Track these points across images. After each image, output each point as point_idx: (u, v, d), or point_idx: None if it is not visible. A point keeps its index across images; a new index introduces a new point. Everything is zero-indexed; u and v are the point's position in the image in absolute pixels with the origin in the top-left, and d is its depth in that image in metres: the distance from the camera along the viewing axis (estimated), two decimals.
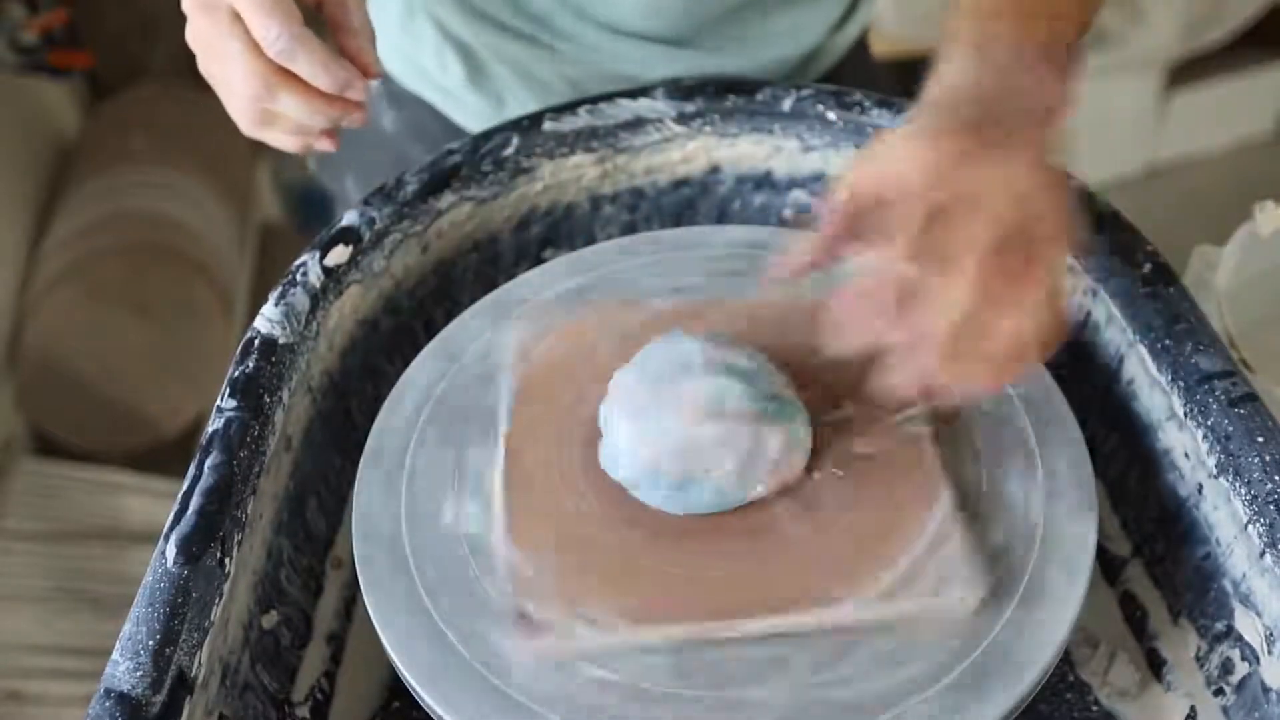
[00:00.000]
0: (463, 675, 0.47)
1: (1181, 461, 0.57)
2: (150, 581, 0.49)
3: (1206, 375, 0.55)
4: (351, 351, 0.66)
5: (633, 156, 0.71)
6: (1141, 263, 0.60)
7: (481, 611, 0.50)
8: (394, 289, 0.68)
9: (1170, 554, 0.58)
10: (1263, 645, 0.52)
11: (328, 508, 0.64)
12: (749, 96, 0.70)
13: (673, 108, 0.70)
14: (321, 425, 0.63)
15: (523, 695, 0.47)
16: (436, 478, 0.55)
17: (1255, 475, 0.51)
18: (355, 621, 0.61)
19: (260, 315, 0.60)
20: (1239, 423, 0.53)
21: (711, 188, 0.73)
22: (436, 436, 0.57)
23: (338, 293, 0.63)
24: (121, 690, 0.46)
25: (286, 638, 0.58)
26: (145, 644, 0.47)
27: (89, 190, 1.66)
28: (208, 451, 0.54)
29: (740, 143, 0.71)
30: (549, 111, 0.70)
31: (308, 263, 0.63)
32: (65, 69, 1.70)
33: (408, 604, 0.50)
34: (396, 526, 0.53)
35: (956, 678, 0.46)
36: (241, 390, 0.56)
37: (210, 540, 0.50)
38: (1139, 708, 0.56)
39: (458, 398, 0.58)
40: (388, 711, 0.57)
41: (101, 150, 1.74)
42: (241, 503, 0.53)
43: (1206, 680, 0.55)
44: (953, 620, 0.48)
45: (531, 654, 0.48)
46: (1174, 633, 0.58)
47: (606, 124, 0.70)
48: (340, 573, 0.63)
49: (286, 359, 0.59)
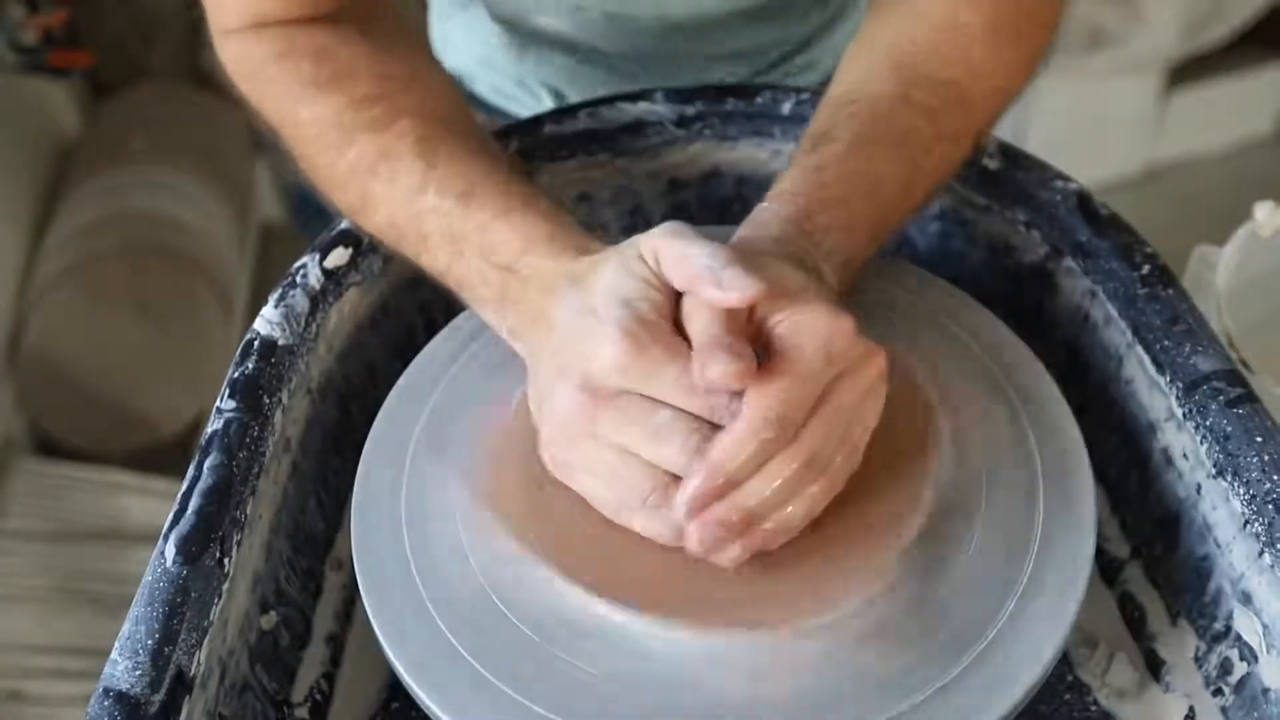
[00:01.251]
0: (462, 676, 0.48)
1: (1180, 462, 0.57)
2: (149, 581, 0.49)
3: (1205, 376, 0.55)
4: (351, 353, 0.66)
5: (633, 160, 0.71)
6: (1140, 264, 0.60)
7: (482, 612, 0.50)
8: (394, 291, 0.68)
9: (1169, 554, 0.58)
10: (1261, 645, 0.52)
11: (327, 509, 0.64)
12: (749, 100, 0.70)
13: (673, 111, 0.70)
14: (321, 426, 0.63)
15: (523, 696, 0.47)
16: (436, 479, 0.55)
17: (1254, 475, 0.51)
18: (354, 623, 0.61)
19: (260, 317, 0.60)
20: (1238, 423, 0.53)
21: (712, 191, 0.73)
22: (436, 438, 0.57)
23: (337, 295, 0.64)
24: (120, 689, 0.46)
25: (285, 638, 0.58)
26: (144, 643, 0.47)
27: (89, 190, 1.67)
28: (207, 452, 0.54)
29: (740, 146, 0.71)
30: (549, 115, 0.70)
31: (307, 264, 0.63)
32: (65, 69, 1.71)
33: (407, 605, 0.50)
34: (396, 528, 0.53)
35: (955, 678, 0.46)
36: (241, 391, 0.56)
37: (209, 540, 0.50)
38: (1138, 708, 0.56)
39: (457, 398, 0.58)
40: (387, 712, 0.57)
41: (101, 150, 1.74)
42: (241, 503, 0.53)
43: (1205, 680, 0.56)
44: (952, 620, 0.48)
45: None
46: (1172, 633, 0.58)
47: (606, 127, 0.70)
48: (340, 574, 0.63)
49: (286, 360, 0.59)
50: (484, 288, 0.54)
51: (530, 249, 0.52)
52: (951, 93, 0.59)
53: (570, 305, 0.48)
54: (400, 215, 0.57)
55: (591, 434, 0.48)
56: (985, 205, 0.68)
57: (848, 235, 0.54)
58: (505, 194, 0.54)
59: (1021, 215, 0.66)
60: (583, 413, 0.47)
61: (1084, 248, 0.63)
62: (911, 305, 0.61)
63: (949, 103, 0.59)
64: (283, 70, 0.60)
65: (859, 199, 0.55)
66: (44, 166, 1.75)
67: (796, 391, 0.45)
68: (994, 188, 0.67)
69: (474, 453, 0.55)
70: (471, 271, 0.54)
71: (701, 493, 0.45)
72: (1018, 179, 0.66)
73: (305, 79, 0.59)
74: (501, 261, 0.53)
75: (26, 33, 1.64)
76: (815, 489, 0.47)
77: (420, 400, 0.59)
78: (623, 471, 0.47)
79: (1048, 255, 0.66)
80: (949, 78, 0.59)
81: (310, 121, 0.59)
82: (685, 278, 0.47)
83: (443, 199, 0.55)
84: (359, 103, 0.58)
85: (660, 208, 0.73)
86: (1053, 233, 0.65)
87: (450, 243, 0.55)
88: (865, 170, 0.56)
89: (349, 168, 0.58)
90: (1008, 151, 0.67)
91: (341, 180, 0.59)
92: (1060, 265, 0.65)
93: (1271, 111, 2.26)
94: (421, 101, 0.59)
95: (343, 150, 0.58)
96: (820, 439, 0.46)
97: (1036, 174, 0.66)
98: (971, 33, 0.59)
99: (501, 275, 0.53)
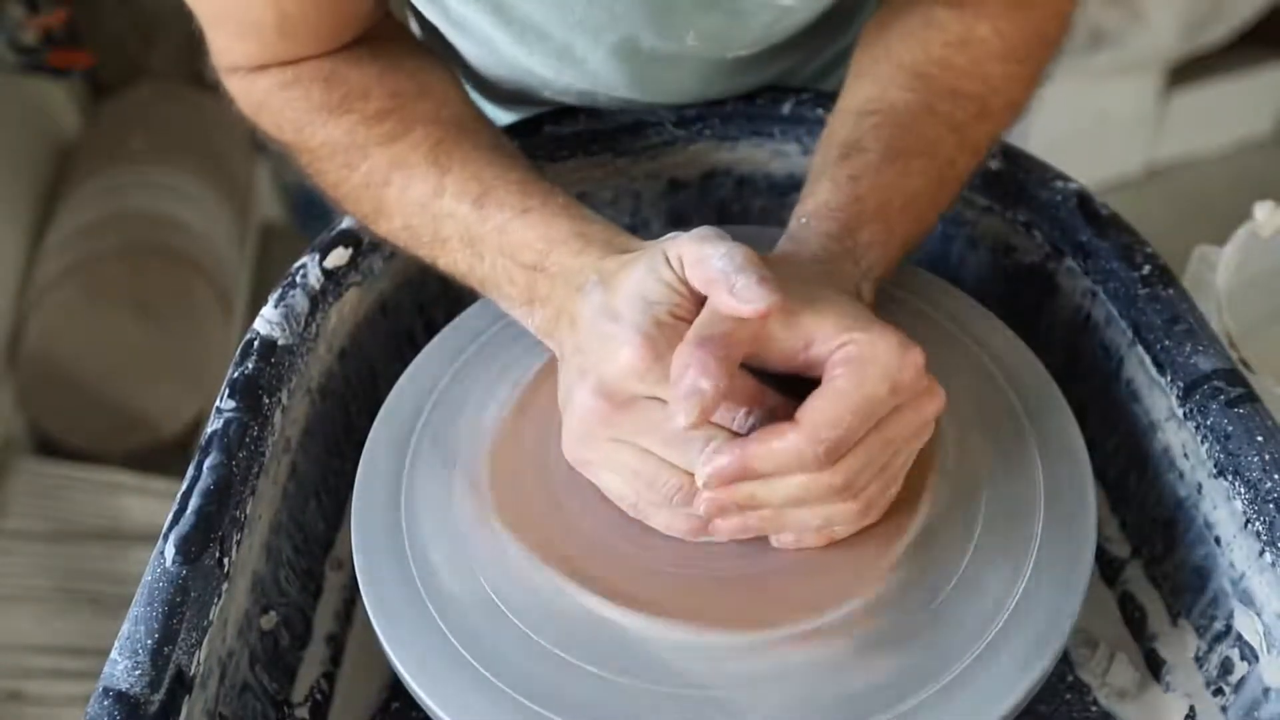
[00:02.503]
0: (462, 677, 0.48)
1: (1181, 461, 0.57)
2: (149, 581, 0.49)
3: (1206, 375, 0.55)
4: (351, 353, 0.66)
5: (633, 160, 0.71)
6: (1140, 263, 0.60)
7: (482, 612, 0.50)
8: (394, 291, 0.68)
9: (1169, 554, 0.58)
10: (1262, 645, 0.52)
11: (327, 509, 0.64)
12: (748, 101, 0.70)
13: (672, 112, 0.70)
14: (321, 426, 0.63)
15: (523, 695, 0.47)
16: (436, 479, 0.55)
17: (1255, 474, 0.51)
18: (355, 623, 0.61)
19: (260, 316, 0.60)
20: (1238, 423, 0.53)
21: (711, 191, 0.73)
22: (436, 438, 0.57)
23: (337, 295, 0.64)
24: (120, 689, 0.46)
25: (285, 638, 0.58)
26: (144, 643, 0.47)
27: (89, 190, 1.66)
28: (207, 452, 0.54)
29: (740, 146, 0.71)
30: (549, 115, 0.70)
31: (307, 265, 0.63)
32: (65, 69, 1.70)
33: (407, 605, 0.50)
34: (396, 528, 0.53)
35: (955, 678, 0.46)
36: (241, 391, 0.56)
37: (209, 540, 0.50)
38: (1138, 708, 0.56)
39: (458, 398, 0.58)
40: (387, 712, 0.57)
41: (101, 150, 1.74)
42: (240, 503, 0.53)
43: (1206, 680, 0.56)
44: (952, 620, 0.48)
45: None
46: (1173, 633, 0.58)
47: (606, 128, 0.70)
48: (340, 574, 0.63)
49: (286, 360, 0.59)
50: (510, 286, 0.54)
51: (555, 248, 0.52)
52: (974, 106, 0.59)
53: (594, 304, 0.48)
54: (416, 220, 0.57)
55: (609, 435, 0.48)
56: (986, 206, 0.68)
57: (884, 251, 0.54)
58: (522, 194, 0.54)
59: (1022, 215, 0.66)
60: (600, 415, 0.47)
61: (1084, 248, 0.63)
62: (911, 305, 0.61)
63: (972, 116, 0.59)
64: (292, 98, 0.59)
65: (895, 213, 0.55)
66: (44, 166, 1.75)
67: (853, 423, 0.45)
68: (995, 188, 0.67)
69: (474, 453, 0.55)
70: (497, 271, 0.54)
71: (721, 472, 0.45)
72: (1018, 179, 0.66)
73: (316, 105, 0.58)
74: (528, 261, 0.53)
75: (26, 33, 1.64)
76: (843, 508, 0.47)
77: (420, 400, 0.58)
78: (642, 470, 0.48)
79: (1048, 255, 0.66)
80: (971, 91, 0.59)
81: (323, 144, 0.58)
82: (702, 281, 0.46)
83: (459, 203, 0.55)
84: (371, 119, 0.58)
85: (660, 208, 0.73)
86: (1053, 233, 0.65)
87: (469, 245, 0.55)
88: (900, 184, 0.55)
89: (363, 181, 0.58)
90: (1008, 152, 0.67)
91: (355, 194, 0.59)
92: (1061, 265, 0.65)
93: (1271, 111, 2.26)
94: (434, 110, 0.59)
95: (355, 166, 0.58)
96: (860, 467, 0.46)
97: (1037, 174, 0.66)
98: (987, 48, 0.60)
99: (528, 274, 0.53)
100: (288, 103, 0.59)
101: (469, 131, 0.58)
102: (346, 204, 0.60)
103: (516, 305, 0.54)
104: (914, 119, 0.57)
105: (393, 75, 0.59)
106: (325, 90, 0.58)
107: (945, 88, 0.59)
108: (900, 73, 0.59)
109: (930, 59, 0.59)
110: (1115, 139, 2.14)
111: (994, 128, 0.61)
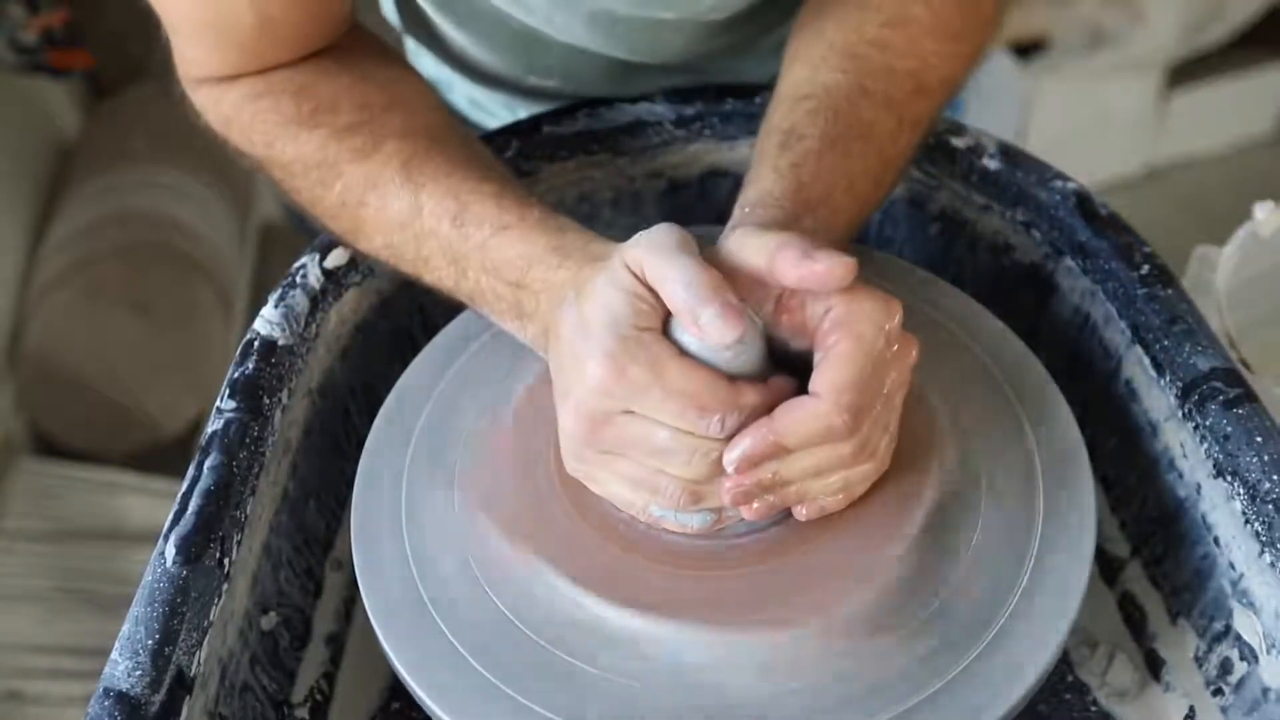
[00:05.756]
0: (462, 677, 0.48)
1: (1180, 462, 0.57)
2: (149, 581, 0.49)
3: (1205, 375, 0.55)
4: (350, 353, 0.66)
5: (632, 160, 0.71)
6: (1140, 263, 0.60)
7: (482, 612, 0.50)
8: (393, 291, 0.68)
9: (1169, 554, 0.58)
10: (1261, 645, 0.52)
11: (327, 509, 0.64)
12: (748, 100, 0.70)
13: (672, 111, 0.70)
14: (320, 427, 0.63)
15: (523, 695, 0.47)
16: (436, 479, 0.55)
17: (1254, 475, 0.51)
18: (354, 623, 0.61)
19: (260, 317, 0.60)
20: (1238, 423, 0.53)
21: (711, 191, 0.73)
22: (436, 438, 0.57)
23: (337, 295, 0.64)
24: (120, 689, 0.46)
25: (285, 639, 0.58)
26: (144, 643, 0.47)
27: (89, 190, 1.66)
28: (207, 452, 0.54)
29: (740, 146, 0.71)
30: (548, 115, 0.70)
31: (307, 265, 0.63)
32: (65, 69, 1.70)
33: (407, 606, 0.50)
34: (396, 528, 0.53)
35: (956, 678, 0.46)
36: (241, 391, 0.56)
37: (209, 540, 0.50)
38: (1138, 708, 0.56)
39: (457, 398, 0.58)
40: (387, 713, 0.57)
41: (101, 150, 1.74)
42: (240, 503, 0.53)
43: (1205, 680, 0.56)
44: (952, 620, 0.48)
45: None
46: (1173, 633, 0.58)
47: (606, 127, 0.70)
48: (339, 574, 0.63)
49: (286, 360, 0.59)
50: (499, 302, 0.54)
51: (534, 265, 0.52)
52: (910, 83, 0.59)
53: (570, 320, 0.49)
54: (396, 239, 0.57)
55: (599, 450, 0.48)
56: (985, 205, 0.68)
57: (829, 236, 0.54)
58: (499, 208, 0.54)
59: (1021, 215, 0.66)
60: (582, 436, 0.48)
61: (1084, 248, 0.63)
62: (911, 305, 0.61)
63: (908, 93, 0.59)
64: (260, 110, 0.59)
65: (839, 197, 0.55)
66: (44, 166, 1.75)
67: (869, 380, 0.46)
68: (994, 188, 0.67)
69: (474, 453, 0.55)
70: (482, 288, 0.54)
71: (751, 454, 0.46)
72: (1017, 179, 0.66)
73: (287, 118, 0.58)
74: (511, 278, 0.53)
75: (26, 33, 1.64)
76: (860, 469, 0.49)
77: (420, 400, 0.59)
78: (644, 478, 0.48)
79: (1047, 255, 0.66)
80: (906, 68, 0.59)
81: (295, 159, 0.58)
82: (667, 305, 0.47)
83: (438, 222, 0.55)
84: (341, 133, 0.57)
85: (660, 208, 0.73)
86: (1052, 233, 0.65)
87: (452, 263, 0.55)
88: (841, 167, 0.56)
89: (338, 200, 0.58)
90: (1007, 151, 0.67)
91: (332, 212, 0.59)
92: (1060, 265, 0.65)
93: (1271, 111, 2.26)
94: (405, 123, 0.58)
95: (330, 185, 0.57)
96: (869, 427, 0.47)
97: (1036, 174, 0.66)
98: (921, 26, 0.60)
99: (513, 291, 0.53)
100: (257, 115, 0.59)
101: (440, 143, 0.58)
102: (324, 221, 0.60)
103: (507, 319, 0.55)
104: (848, 101, 0.58)
105: (362, 87, 0.59)
106: (295, 103, 0.58)
107: (880, 66, 0.59)
108: (832, 54, 0.59)
109: (864, 39, 0.60)
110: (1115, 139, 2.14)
111: (932, 103, 0.61)
